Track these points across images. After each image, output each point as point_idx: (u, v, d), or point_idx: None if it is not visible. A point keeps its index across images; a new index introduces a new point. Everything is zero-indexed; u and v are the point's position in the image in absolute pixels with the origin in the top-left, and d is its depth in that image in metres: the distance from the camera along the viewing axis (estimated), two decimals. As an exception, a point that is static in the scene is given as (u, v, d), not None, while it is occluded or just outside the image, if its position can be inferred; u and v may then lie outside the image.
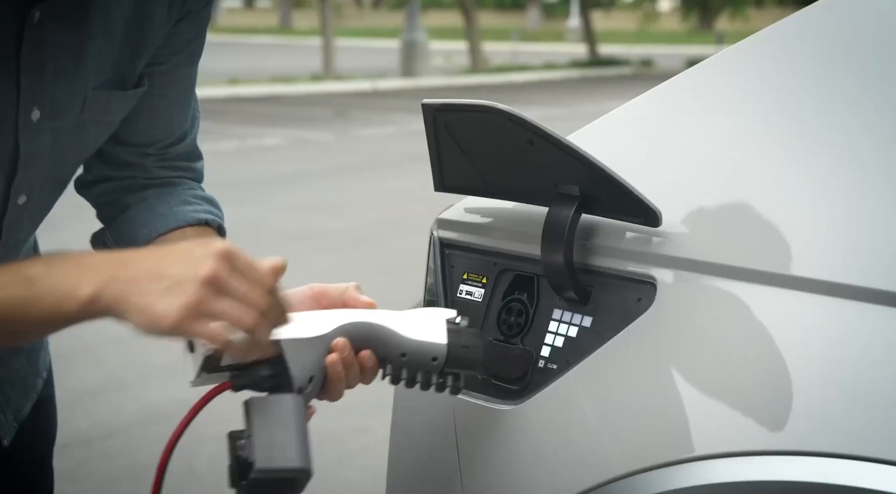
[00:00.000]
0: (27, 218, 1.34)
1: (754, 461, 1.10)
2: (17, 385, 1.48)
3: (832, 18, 1.33)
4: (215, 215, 1.45)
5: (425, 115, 1.28)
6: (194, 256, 1.09)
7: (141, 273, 1.08)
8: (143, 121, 1.40)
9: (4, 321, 1.09)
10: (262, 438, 1.17)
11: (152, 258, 1.10)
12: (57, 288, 1.08)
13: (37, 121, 1.24)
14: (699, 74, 1.38)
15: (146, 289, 1.07)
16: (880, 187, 1.16)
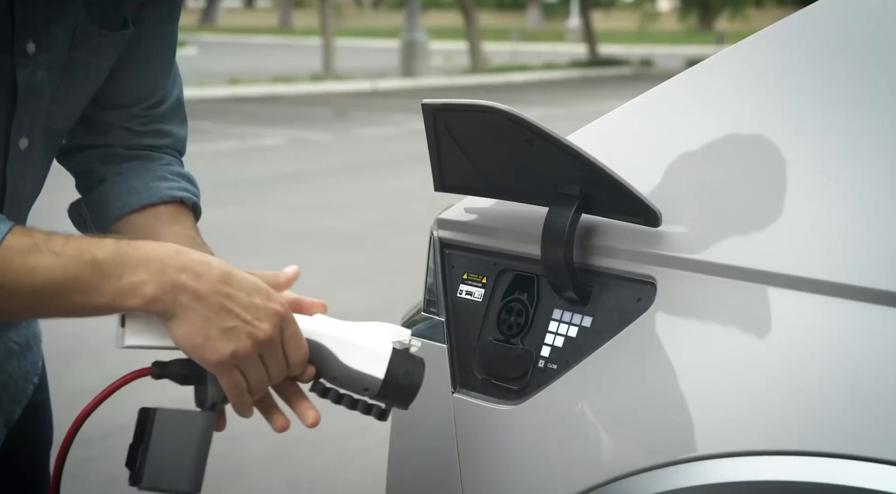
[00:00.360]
0: (30, 168, 1.33)
1: (754, 461, 1.10)
2: (10, 389, 1.48)
3: (832, 18, 1.33)
4: (191, 192, 1.45)
5: (425, 115, 1.28)
6: (258, 307, 1.14)
7: (212, 297, 1.12)
8: (127, 81, 1.40)
9: (60, 298, 1.10)
10: (157, 456, 1.16)
11: (223, 283, 1.13)
12: (122, 280, 1.10)
13: (32, 54, 1.24)
14: (699, 74, 1.38)
15: (208, 319, 1.12)
16: (880, 187, 1.16)
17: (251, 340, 1.14)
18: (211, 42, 32.72)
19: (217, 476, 3.50)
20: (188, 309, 1.12)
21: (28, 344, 1.53)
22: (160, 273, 1.11)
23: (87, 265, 1.10)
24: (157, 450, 1.16)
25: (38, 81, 1.27)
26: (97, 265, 1.10)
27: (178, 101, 1.49)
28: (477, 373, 1.35)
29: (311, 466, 3.56)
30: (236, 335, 1.13)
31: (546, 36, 40.10)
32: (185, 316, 1.12)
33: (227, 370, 1.15)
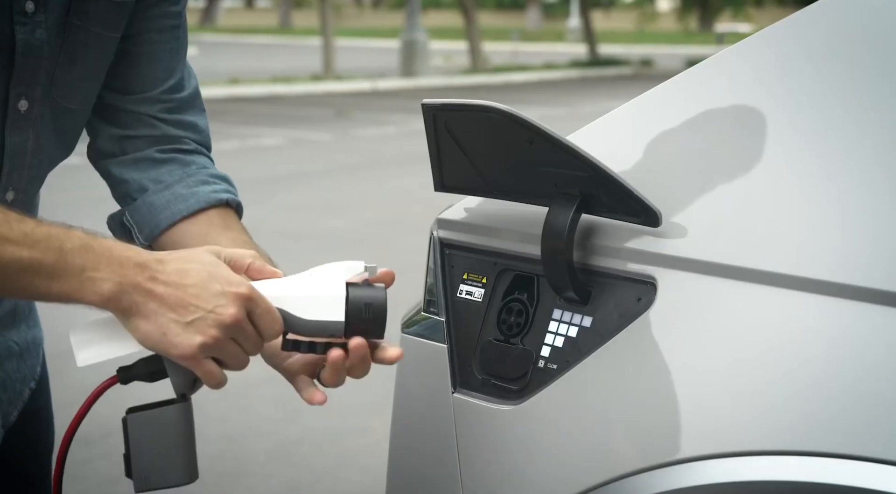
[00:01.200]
0: (31, 133, 1.34)
1: (754, 461, 1.10)
2: (9, 389, 1.48)
3: (831, 18, 1.34)
4: (233, 193, 1.47)
5: (425, 115, 1.28)
6: (219, 294, 1.13)
7: (167, 294, 1.12)
8: (142, 63, 1.42)
9: (22, 278, 1.11)
10: (140, 459, 1.17)
11: (179, 278, 1.13)
12: (84, 274, 1.11)
13: (31, 13, 1.26)
14: (699, 74, 1.38)
15: (168, 316, 1.12)
16: (880, 187, 1.16)
17: (218, 328, 1.13)
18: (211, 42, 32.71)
19: (217, 476, 3.50)
20: (145, 307, 1.12)
21: (28, 348, 1.53)
22: (118, 272, 1.12)
23: (54, 252, 1.11)
24: (138, 453, 1.17)
25: (37, 40, 1.28)
26: (63, 253, 1.11)
27: (195, 91, 1.51)
28: (477, 373, 1.35)
29: (311, 466, 3.56)
30: (201, 325, 1.13)
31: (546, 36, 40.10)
32: (144, 316, 1.13)
33: (197, 361, 1.14)
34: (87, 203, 1.37)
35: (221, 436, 3.81)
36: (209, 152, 1.52)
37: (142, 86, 1.44)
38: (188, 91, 1.48)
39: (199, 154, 1.49)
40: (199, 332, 1.13)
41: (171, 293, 1.13)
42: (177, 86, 1.47)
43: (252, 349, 1.17)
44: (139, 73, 1.43)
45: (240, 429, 3.88)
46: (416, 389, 1.37)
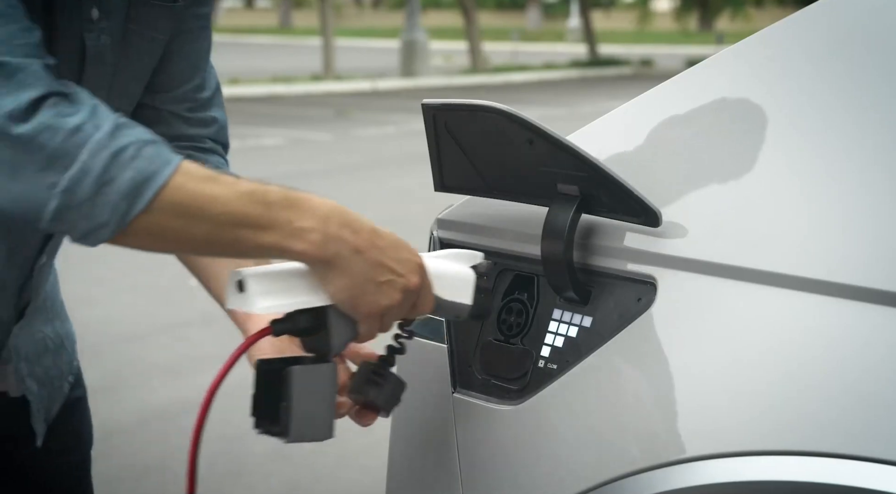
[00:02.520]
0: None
1: (754, 461, 1.10)
2: (47, 384, 1.51)
3: (831, 18, 1.34)
4: None
5: (425, 115, 1.28)
6: (407, 261, 1.19)
7: (368, 252, 1.16)
8: (173, 61, 1.45)
9: (234, 231, 1.12)
10: (299, 411, 1.20)
11: (375, 238, 1.17)
12: (292, 224, 1.12)
13: (96, 20, 1.30)
14: (699, 74, 1.38)
15: (365, 274, 1.16)
16: (880, 187, 1.16)
17: (402, 292, 1.18)
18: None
19: (217, 476, 3.51)
20: (348, 261, 1.15)
21: (62, 344, 1.56)
22: (324, 224, 1.14)
23: (259, 204, 1.12)
24: (299, 405, 1.20)
25: (102, 47, 1.32)
26: (269, 205, 1.12)
27: (217, 89, 1.53)
28: (477, 373, 1.35)
29: (311, 466, 3.56)
30: (390, 288, 1.17)
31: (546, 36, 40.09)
32: (343, 269, 1.15)
33: (375, 320, 1.19)
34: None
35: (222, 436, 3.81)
36: (226, 148, 1.55)
37: (169, 84, 1.47)
38: (210, 90, 1.51)
39: (213, 153, 1.52)
40: (387, 294, 1.17)
41: (370, 251, 1.16)
42: (201, 84, 1.50)
43: (416, 315, 1.23)
44: (168, 72, 1.46)
45: (240, 429, 3.87)
46: (417, 389, 1.37)
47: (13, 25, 1.10)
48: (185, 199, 1.09)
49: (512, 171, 1.30)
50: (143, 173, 1.07)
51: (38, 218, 1.07)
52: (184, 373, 4.41)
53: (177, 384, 4.31)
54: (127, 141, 1.08)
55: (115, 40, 1.34)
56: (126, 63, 1.38)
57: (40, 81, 1.08)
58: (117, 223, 1.07)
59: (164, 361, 4.59)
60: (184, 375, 4.39)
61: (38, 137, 1.05)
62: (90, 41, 1.30)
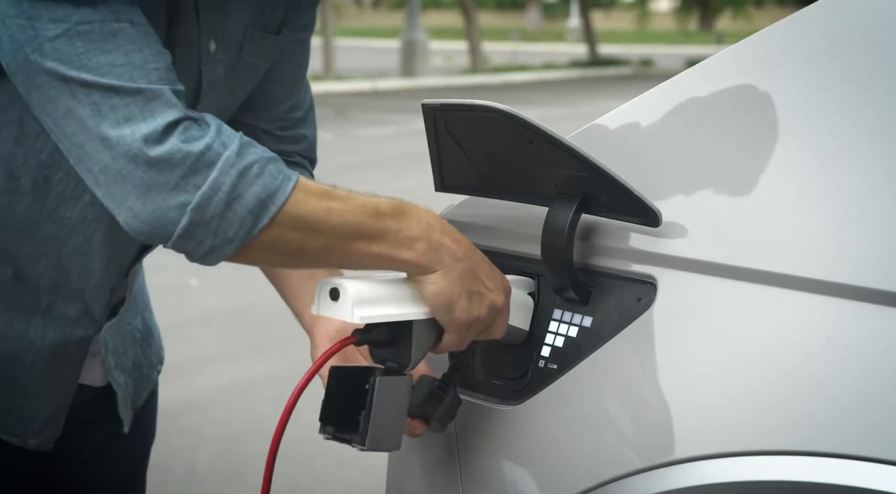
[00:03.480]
0: None
1: (754, 461, 1.10)
2: (134, 374, 1.56)
3: (831, 19, 1.33)
4: None
5: (425, 115, 1.28)
6: (497, 279, 1.24)
7: (466, 261, 1.21)
8: (272, 83, 1.49)
9: (349, 242, 1.18)
10: (377, 420, 1.22)
11: (471, 251, 1.23)
12: (400, 233, 1.18)
13: (213, 52, 1.34)
14: (699, 74, 1.38)
15: (462, 281, 1.20)
16: (880, 187, 1.16)
17: (489, 308, 1.23)
18: (211, 42, 32.60)
19: (217, 476, 3.51)
20: (448, 267, 1.20)
21: (151, 333, 1.62)
22: (428, 232, 1.19)
23: (372, 215, 1.18)
24: (377, 415, 1.22)
25: (217, 77, 1.36)
26: (380, 216, 1.18)
27: (310, 107, 1.59)
28: (477, 373, 1.35)
29: (312, 466, 3.56)
30: (480, 300, 1.22)
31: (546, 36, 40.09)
32: (444, 274, 1.20)
33: (462, 329, 1.22)
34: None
35: (222, 436, 3.81)
36: (314, 164, 1.62)
37: (266, 104, 1.51)
38: (303, 109, 1.57)
39: (300, 167, 1.58)
40: (477, 305, 1.21)
41: (468, 261, 1.21)
42: (297, 104, 1.55)
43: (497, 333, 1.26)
44: (266, 93, 1.50)
45: (240, 429, 3.88)
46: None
47: (148, 51, 1.15)
48: (305, 213, 1.15)
49: (512, 171, 1.30)
50: (268, 189, 1.13)
51: (166, 237, 1.13)
52: (184, 373, 4.41)
53: (177, 384, 4.31)
54: (252, 159, 1.14)
55: (228, 70, 1.38)
56: (231, 89, 1.42)
57: (173, 107, 1.13)
58: (242, 238, 1.13)
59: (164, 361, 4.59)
60: (184, 375, 4.39)
61: (171, 158, 1.11)
62: (207, 73, 1.35)
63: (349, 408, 1.22)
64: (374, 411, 1.21)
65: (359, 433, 1.21)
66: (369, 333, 1.22)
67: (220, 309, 5.28)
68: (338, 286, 1.18)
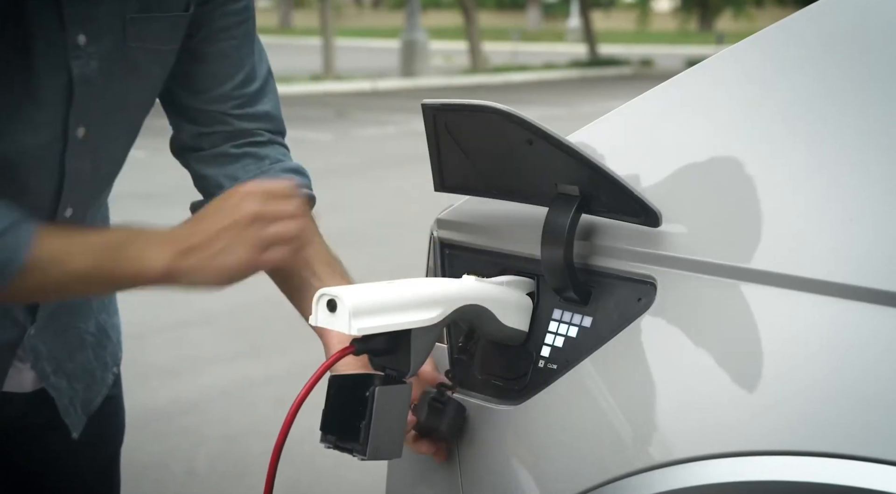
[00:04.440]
0: (89, 157, 1.37)
1: (754, 461, 1.10)
2: (84, 378, 1.54)
3: (831, 18, 1.33)
4: (304, 186, 1.53)
5: (425, 115, 1.28)
6: (231, 206, 1.23)
7: (201, 240, 1.22)
8: (212, 63, 1.45)
9: (88, 282, 1.23)
10: (378, 429, 1.22)
11: (202, 224, 1.24)
12: (137, 259, 1.21)
13: (83, 45, 1.29)
14: (699, 74, 1.38)
15: (211, 253, 1.21)
16: (880, 187, 1.16)
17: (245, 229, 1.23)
18: (211, 42, 32.58)
19: (217, 476, 3.51)
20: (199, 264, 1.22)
21: (106, 335, 1.59)
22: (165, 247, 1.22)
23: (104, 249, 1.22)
24: (378, 424, 1.22)
25: (91, 72, 1.32)
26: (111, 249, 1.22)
27: (266, 78, 1.53)
28: (477, 373, 1.35)
29: (311, 466, 3.56)
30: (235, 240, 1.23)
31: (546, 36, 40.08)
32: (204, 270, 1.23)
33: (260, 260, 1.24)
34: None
35: (222, 436, 3.81)
36: (283, 137, 1.56)
37: (212, 84, 1.47)
38: (258, 82, 1.50)
39: (273, 144, 1.53)
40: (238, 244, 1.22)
41: (202, 236, 1.22)
42: (247, 79, 1.49)
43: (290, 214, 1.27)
44: (209, 72, 1.46)
45: (240, 429, 3.88)
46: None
47: None
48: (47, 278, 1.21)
49: (512, 171, 1.30)
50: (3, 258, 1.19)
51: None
52: (184, 373, 4.41)
53: (177, 384, 4.31)
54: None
55: (107, 62, 1.33)
56: (134, 79, 1.38)
57: None
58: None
59: (164, 361, 4.59)
60: (184, 375, 4.39)
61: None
62: (77, 68, 1.30)
63: (349, 417, 1.23)
64: (374, 420, 1.21)
65: (360, 442, 1.22)
66: (368, 342, 1.21)
67: (219, 309, 5.27)
68: (335, 297, 1.18)
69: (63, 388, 1.50)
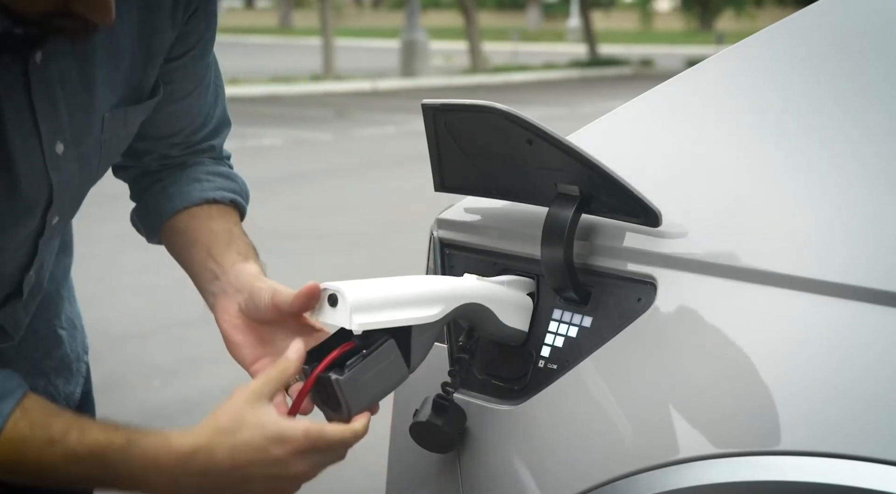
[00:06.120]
0: (58, 232, 1.37)
1: (754, 461, 1.10)
2: (63, 372, 1.53)
3: (831, 19, 1.34)
4: (227, 189, 1.47)
5: (425, 115, 1.28)
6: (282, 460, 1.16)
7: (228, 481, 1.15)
8: (165, 113, 1.41)
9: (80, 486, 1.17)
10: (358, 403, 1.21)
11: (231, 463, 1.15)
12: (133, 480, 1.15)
13: (62, 154, 1.26)
14: (699, 74, 1.39)
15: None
16: (880, 187, 1.16)
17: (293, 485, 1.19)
18: (211, 42, 32.59)
19: (217, 476, 3.50)
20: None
21: (74, 326, 1.58)
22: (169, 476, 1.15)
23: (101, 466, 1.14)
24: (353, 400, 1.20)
25: (69, 174, 1.29)
26: (109, 467, 1.14)
27: (219, 119, 1.50)
28: (477, 373, 1.35)
29: (311, 466, 3.55)
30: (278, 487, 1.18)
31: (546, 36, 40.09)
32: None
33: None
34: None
35: (221, 436, 3.80)
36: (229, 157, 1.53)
37: (161, 133, 1.45)
38: (210, 126, 1.49)
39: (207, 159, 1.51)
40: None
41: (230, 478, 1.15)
42: (198, 126, 1.48)
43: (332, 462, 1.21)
44: (161, 123, 1.43)
45: (240, 429, 3.87)
46: (416, 389, 1.37)
47: None
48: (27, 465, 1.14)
49: (512, 171, 1.30)
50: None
51: None
52: (184, 373, 4.41)
53: (177, 384, 4.31)
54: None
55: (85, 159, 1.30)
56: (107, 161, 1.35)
57: None
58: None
59: (164, 361, 4.59)
60: (184, 375, 4.39)
61: None
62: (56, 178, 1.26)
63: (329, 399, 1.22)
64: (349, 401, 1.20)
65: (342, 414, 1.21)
66: (366, 339, 1.21)
67: (220, 309, 5.26)
68: (336, 292, 1.18)
69: (39, 388, 1.48)
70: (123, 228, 1.80)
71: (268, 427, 1.15)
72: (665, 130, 1.36)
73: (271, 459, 1.15)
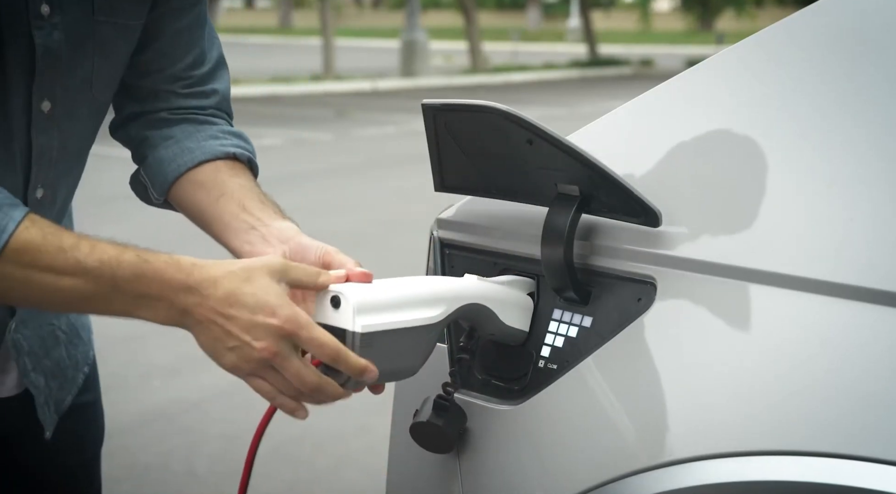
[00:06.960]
0: (56, 132, 1.36)
1: (754, 461, 1.10)
2: (58, 376, 1.52)
3: (831, 19, 1.34)
4: (244, 149, 1.48)
5: (425, 115, 1.28)
6: (260, 327, 1.16)
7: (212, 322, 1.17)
8: (162, 43, 1.43)
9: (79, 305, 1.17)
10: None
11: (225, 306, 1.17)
12: (138, 298, 1.16)
13: (47, 16, 1.27)
14: (699, 74, 1.38)
15: (214, 340, 1.18)
16: (879, 187, 1.16)
17: (250, 360, 1.17)
18: (211, 42, 32.57)
19: (217, 476, 3.51)
20: (196, 328, 1.18)
21: (77, 334, 1.57)
22: (170, 297, 1.16)
23: (107, 282, 1.15)
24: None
25: (55, 43, 1.29)
26: (115, 282, 1.15)
27: (218, 61, 1.51)
28: (477, 373, 1.35)
29: (311, 466, 3.56)
30: (237, 355, 1.17)
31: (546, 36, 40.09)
32: (197, 334, 1.19)
33: (247, 377, 1.19)
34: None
35: (221, 436, 3.81)
36: (230, 118, 1.54)
37: (161, 64, 1.46)
38: (208, 65, 1.50)
39: (216, 118, 1.51)
40: (235, 359, 1.17)
41: (216, 319, 1.17)
42: (196, 61, 1.48)
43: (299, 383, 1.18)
44: (160, 52, 1.45)
45: (240, 429, 3.88)
46: (417, 389, 1.37)
47: None
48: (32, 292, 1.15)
49: (512, 171, 1.30)
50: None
51: None
52: (184, 373, 4.41)
53: (177, 384, 4.31)
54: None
55: (72, 35, 1.31)
56: (102, 56, 1.36)
57: None
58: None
59: (164, 361, 4.59)
60: (184, 375, 4.39)
61: None
62: (39, 38, 1.28)
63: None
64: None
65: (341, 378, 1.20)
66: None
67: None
68: (339, 294, 1.18)
69: (41, 386, 1.49)
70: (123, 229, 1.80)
71: (269, 293, 1.17)
72: (665, 130, 1.36)
73: (253, 322, 1.16)
